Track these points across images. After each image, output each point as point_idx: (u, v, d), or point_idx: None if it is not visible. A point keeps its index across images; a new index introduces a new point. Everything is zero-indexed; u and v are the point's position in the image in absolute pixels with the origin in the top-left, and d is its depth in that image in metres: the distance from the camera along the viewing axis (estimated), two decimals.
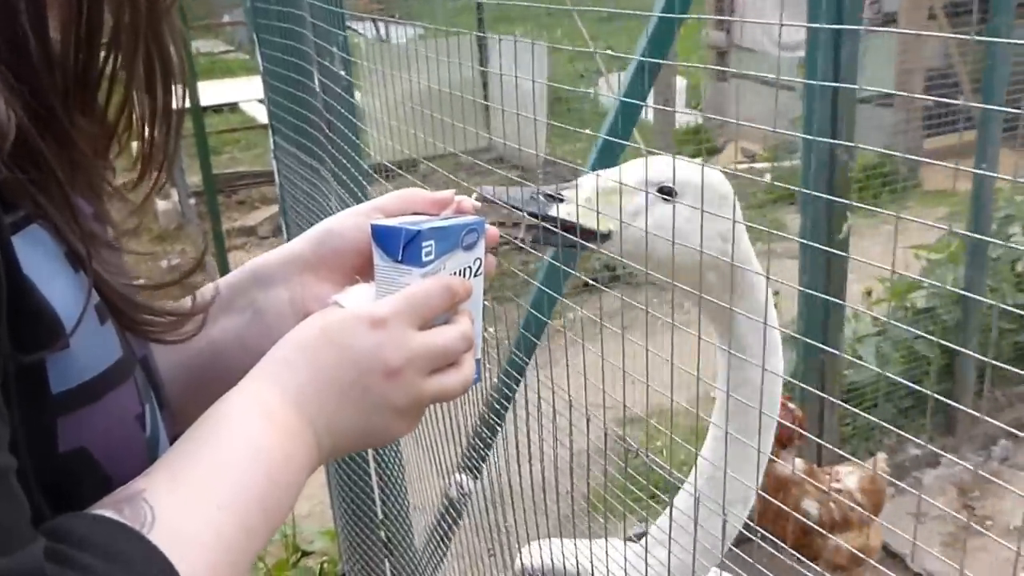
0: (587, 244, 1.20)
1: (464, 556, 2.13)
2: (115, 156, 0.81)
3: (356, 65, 2.30)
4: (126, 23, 0.71)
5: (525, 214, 1.16)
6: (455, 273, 0.90)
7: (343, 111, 2.30)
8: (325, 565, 3.65)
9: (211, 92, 9.88)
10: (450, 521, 2.29)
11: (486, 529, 1.74)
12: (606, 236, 1.21)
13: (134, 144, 0.80)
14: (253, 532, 0.71)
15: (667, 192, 1.23)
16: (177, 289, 0.89)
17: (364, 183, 2.18)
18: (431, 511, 2.46)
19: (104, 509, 0.65)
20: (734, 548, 1.19)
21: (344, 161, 2.25)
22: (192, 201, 7.79)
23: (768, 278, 1.25)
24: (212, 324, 0.95)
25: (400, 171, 2.04)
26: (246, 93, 11.85)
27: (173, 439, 0.76)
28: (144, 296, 0.82)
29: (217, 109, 11.12)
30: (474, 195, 1.16)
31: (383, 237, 0.87)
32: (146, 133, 0.77)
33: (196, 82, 6.88)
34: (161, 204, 8.17)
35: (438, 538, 2.39)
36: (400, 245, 0.85)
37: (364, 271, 0.94)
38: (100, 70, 0.72)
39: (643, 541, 1.34)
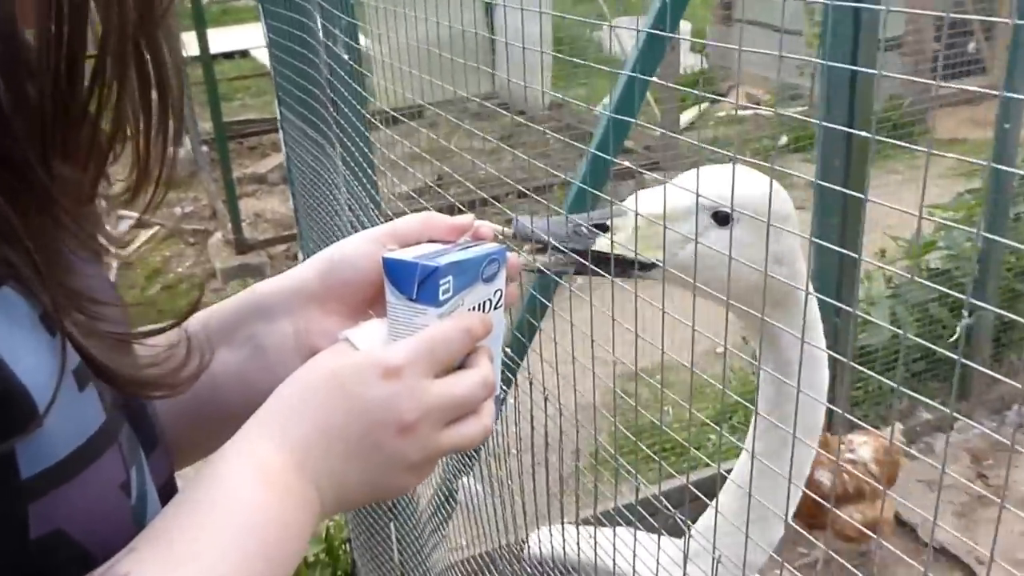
0: (627, 275, 1.06)
1: (466, 517, 1.96)
2: (109, 164, 0.68)
3: (361, 8, 2.11)
4: (115, 28, 0.58)
5: (566, 250, 1.01)
6: (473, 308, 0.78)
7: (346, 58, 2.12)
8: (331, 529, 3.41)
9: (222, 39, 9.52)
10: (449, 510, 2.21)
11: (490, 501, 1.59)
12: (649, 266, 1.08)
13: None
14: None
15: (722, 219, 1.06)
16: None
17: (365, 131, 2.05)
18: (435, 474, 2.29)
19: None
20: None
21: (345, 109, 2.07)
22: (204, 148, 7.52)
23: (807, 292, 0.99)
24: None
25: (403, 118, 1.89)
26: (257, 39, 11.40)
27: (167, 483, 0.70)
28: (134, 346, 0.69)
29: (228, 55, 10.75)
30: (504, 228, 1.00)
31: (396, 272, 0.75)
32: (140, 148, 0.65)
33: (205, 30, 6.47)
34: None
35: (440, 512, 2.33)
36: (415, 283, 0.74)
37: (376, 302, 0.81)
38: (86, 99, 0.60)
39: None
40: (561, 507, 1.28)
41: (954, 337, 3.32)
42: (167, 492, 0.72)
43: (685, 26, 7.67)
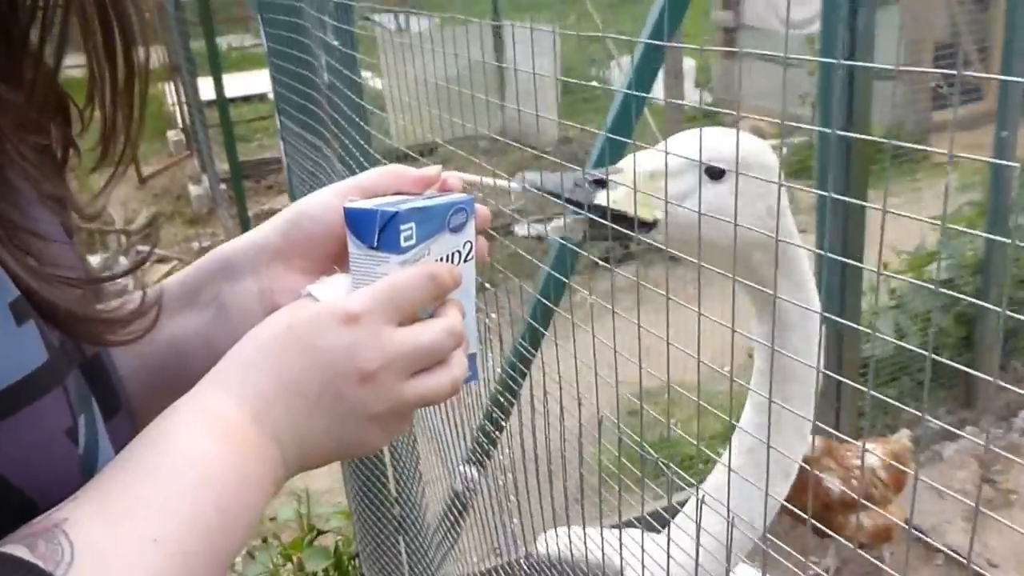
0: (629, 234, 1.05)
1: (476, 530, 1.96)
2: (78, 133, 0.71)
3: (377, 53, 2.14)
4: None
5: (568, 205, 1.04)
6: (441, 259, 0.75)
7: (348, 110, 2.15)
8: (340, 544, 3.46)
9: (241, 83, 9.78)
10: (457, 513, 2.14)
11: (497, 507, 1.60)
12: (651, 225, 1.09)
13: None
14: (196, 570, 0.57)
15: (715, 172, 1.08)
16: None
17: (367, 165, 2.05)
18: (443, 486, 2.31)
19: (14, 545, 0.52)
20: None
21: (349, 144, 2.10)
22: (222, 187, 7.68)
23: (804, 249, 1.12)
24: (173, 319, 0.81)
25: (416, 156, 1.92)
26: None
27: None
28: (91, 291, 0.66)
29: (247, 99, 11.02)
30: (513, 182, 1.05)
31: (357, 221, 0.72)
32: (107, 106, 0.66)
33: (221, 75, 6.68)
34: (193, 189, 8.20)
35: (448, 524, 2.24)
36: (375, 229, 0.71)
37: (342, 259, 0.76)
38: (28, 21, 0.59)
39: (662, 529, 1.20)
40: (567, 519, 1.29)
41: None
42: None
43: (689, 62, 7.84)
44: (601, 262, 1.26)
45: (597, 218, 1.04)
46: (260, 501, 0.64)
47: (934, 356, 0.59)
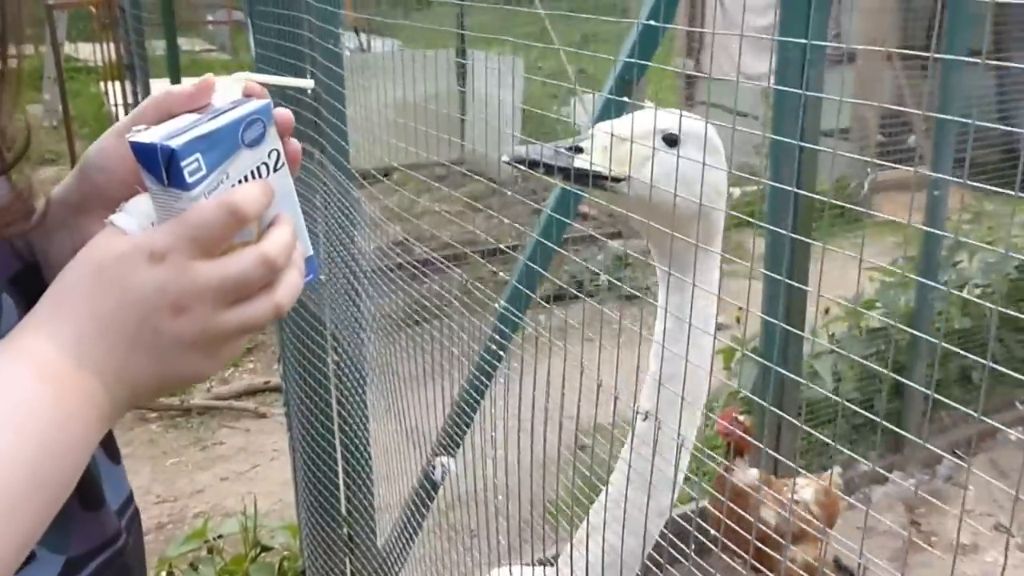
0: (608, 187, 1.27)
1: (426, 559, 2.08)
2: None
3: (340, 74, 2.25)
4: None
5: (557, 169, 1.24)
6: (245, 178, 0.72)
7: (334, 119, 2.26)
8: (285, 562, 3.50)
9: None
10: (421, 501, 2.23)
11: (448, 530, 1.70)
12: (621, 180, 1.27)
13: None
14: (19, 508, 0.61)
15: (670, 141, 1.27)
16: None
17: (348, 188, 2.14)
18: (398, 508, 2.40)
19: None
20: (695, 556, 1.15)
21: (333, 167, 2.19)
22: None
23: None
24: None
25: (379, 176, 2.03)
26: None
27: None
28: None
29: None
30: (504, 158, 1.25)
31: (143, 157, 0.68)
32: None
33: (179, 76, 6.75)
34: None
35: (406, 537, 2.33)
36: (161, 166, 0.68)
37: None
38: None
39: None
40: (520, 554, 1.39)
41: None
42: None
43: (649, 105, 8.12)
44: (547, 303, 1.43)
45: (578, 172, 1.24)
46: (88, 438, 0.67)
47: (863, 411, 0.78)
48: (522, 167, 1.27)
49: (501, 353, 2.09)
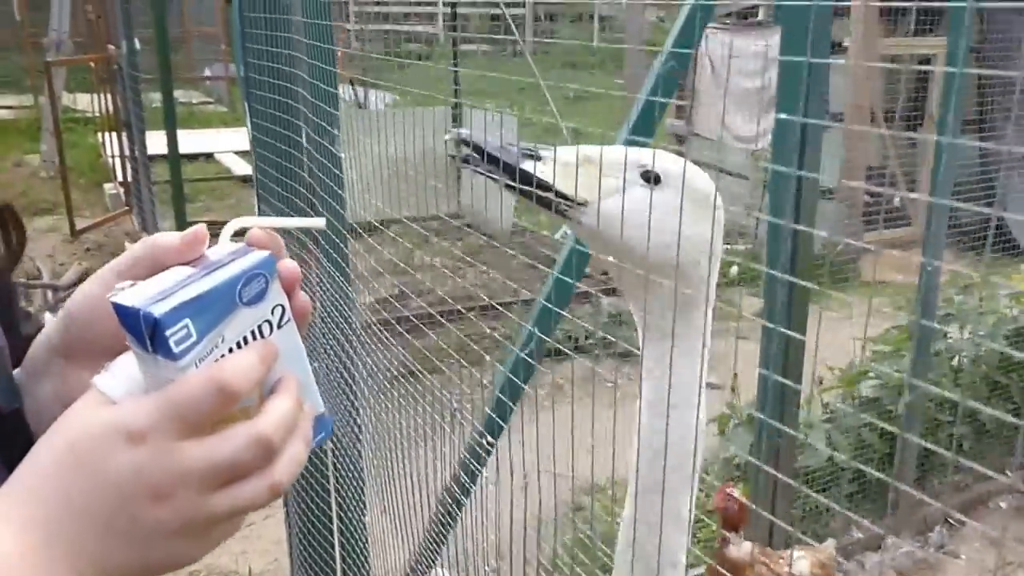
0: (561, 207, 1.06)
1: None
2: None
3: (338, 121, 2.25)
4: None
5: (499, 166, 1.03)
6: (244, 339, 0.65)
7: (329, 181, 2.23)
8: None
9: (187, 141, 9.74)
10: None
11: None
12: (582, 204, 1.06)
13: None
14: None
15: (649, 178, 1.06)
16: None
17: (342, 245, 2.12)
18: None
19: None
20: None
21: (326, 214, 2.16)
22: None
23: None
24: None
25: (381, 226, 1.99)
26: (222, 144, 11.74)
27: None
28: None
29: (192, 157, 10.97)
30: (447, 137, 1.05)
31: (126, 320, 0.61)
32: None
33: (175, 130, 6.73)
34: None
35: None
36: (144, 334, 0.61)
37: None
38: None
39: None
40: None
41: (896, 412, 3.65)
42: None
43: None
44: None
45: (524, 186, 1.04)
46: None
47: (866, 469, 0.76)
48: (464, 151, 1.04)
49: (502, 423, 2.10)
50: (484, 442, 2.10)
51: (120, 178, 9.22)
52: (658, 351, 1.12)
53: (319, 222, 0.82)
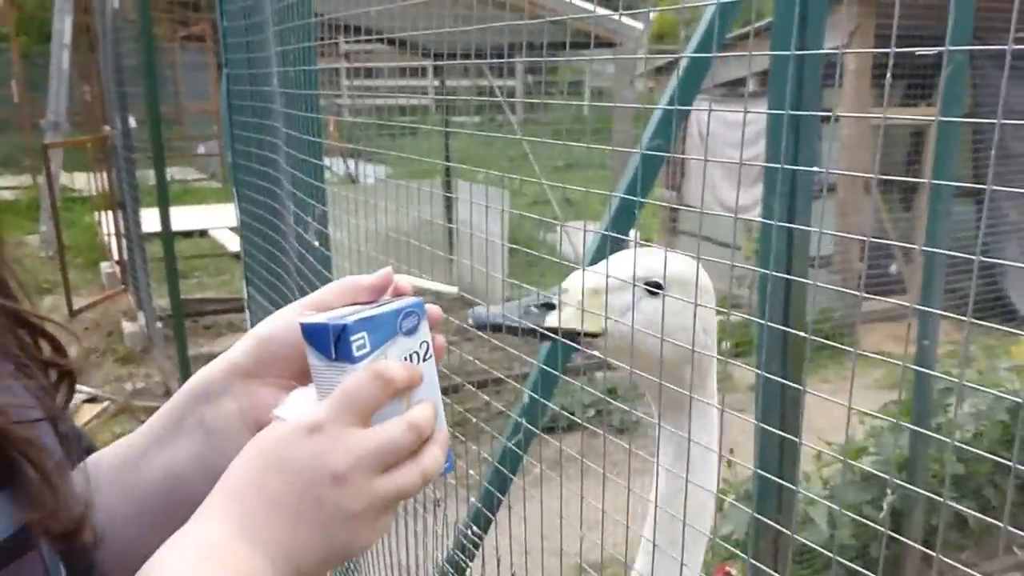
0: (577, 345, 1.20)
1: None
2: None
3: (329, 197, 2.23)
4: None
5: (522, 328, 1.17)
6: (402, 360, 0.80)
7: (311, 259, 2.24)
8: None
9: (182, 217, 9.79)
10: None
11: None
12: (597, 335, 1.20)
13: None
14: None
15: (654, 286, 1.21)
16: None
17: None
18: None
19: None
20: None
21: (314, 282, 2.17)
22: (159, 325, 7.52)
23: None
24: (164, 451, 0.87)
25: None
26: (216, 220, 11.77)
27: None
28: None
29: (187, 234, 10.99)
30: (468, 320, 1.19)
31: (313, 336, 0.77)
32: None
33: (168, 207, 6.73)
34: (128, 326, 7.96)
35: None
36: (330, 343, 0.76)
37: (306, 373, 0.82)
38: None
39: None
40: None
41: (883, 514, 3.55)
42: None
43: (633, 234, 8.19)
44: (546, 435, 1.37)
45: (549, 334, 1.18)
46: None
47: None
48: (485, 332, 1.20)
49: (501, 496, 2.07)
50: (470, 533, 2.05)
51: (116, 256, 9.27)
52: (675, 423, 1.26)
53: (452, 289, 1.04)
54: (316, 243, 2.20)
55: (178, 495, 0.84)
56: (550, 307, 1.19)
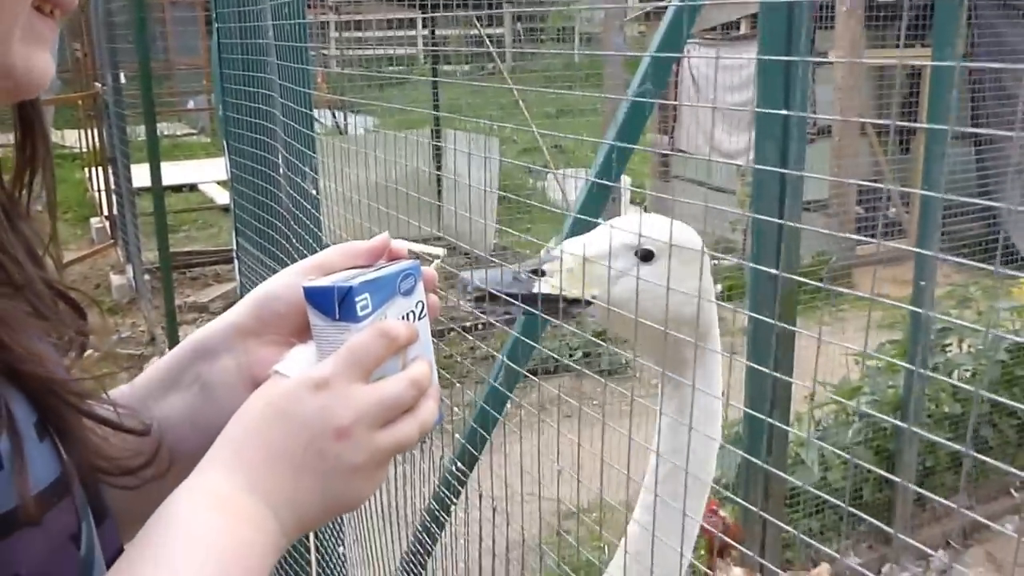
0: (571, 312, 1.19)
1: None
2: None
3: (319, 145, 2.21)
4: None
5: (509, 296, 1.15)
6: (399, 319, 0.82)
7: (308, 221, 2.19)
8: None
9: (171, 172, 9.69)
10: None
11: None
12: (588, 303, 1.19)
13: None
14: None
15: (644, 256, 1.19)
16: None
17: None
18: None
19: None
20: None
21: (308, 239, 2.15)
22: (146, 277, 7.49)
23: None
24: (158, 404, 0.87)
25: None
26: (205, 175, 11.71)
27: (118, 552, 0.70)
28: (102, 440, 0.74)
29: (176, 188, 10.91)
30: (461, 285, 1.18)
31: (317, 298, 0.80)
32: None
33: (159, 163, 6.62)
34: (115, 279, 7.96)
35: None
36: (335, 303, 0.78)
37: (304, 332, 0.84)
38: None
39: None
40: None
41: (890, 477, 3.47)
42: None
43: (625, 180, 8.08)
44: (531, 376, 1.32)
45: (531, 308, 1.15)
46: (262, 563, 0.70)
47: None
48: (482, 303, 1.17)
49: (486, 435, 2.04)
50: (455, 469, 2.02)
51: (106, 212, 9.22)
52: (675, 386, 1.24)
53: (440, 251, 1.12)
54: (313, 191, 2.19)
55: (169, 450, 0.84)
56: (541, 274, 1.18)
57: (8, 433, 0.62)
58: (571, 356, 5.28)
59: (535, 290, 1.16)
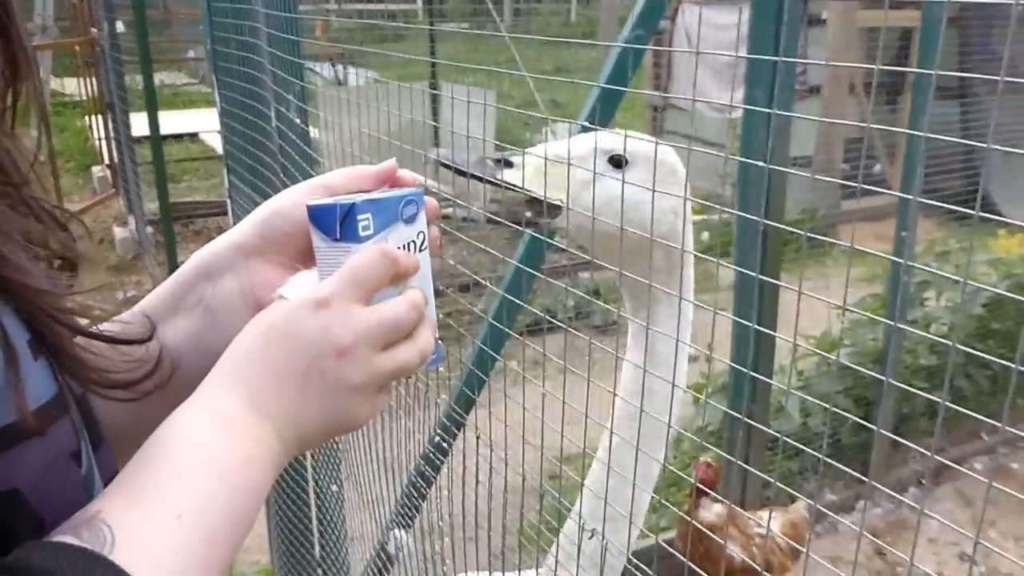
0: (531, 220, 1.13)
1: None
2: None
3: (313, 103, 2.23)
4: None
5: (473, 178, 1.09)
6: (399, 248, 0.80)
7: (298, 158, 2.20)
8: None
9: (172, 121, 9.62)
10: (380, 566, 2.19)
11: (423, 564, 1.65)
12: (556, 209, 1.12)
13: None
14: (218, 540, 0.65)
15: (617, 162, 1.12)
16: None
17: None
18: (368, 544, 2.35)
19: (63, 535, 0.59)
20: None
21: (296, 173, 2.13)
22: (149, 230, 7.45)
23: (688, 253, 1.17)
24: (162, 327, 0.86)
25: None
26: (207, 124, 11.60)
27: (111, 477, 0.68)
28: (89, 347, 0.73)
29: (177, 137, 10.84)
30: (423, 160, 1.13)
31: (319, 216, 0.78)
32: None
33: (156, 111, 6.62)
34: (118, 232, 7.87)
35: None
36: (336, 222, 0.77)
37: (308, 254, 0.83)
38: None
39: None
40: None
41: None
42: None
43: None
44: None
45: (505, 185, 1.09)
46: (265, 479, 0.71)
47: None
48: (448, 169, 1.11)
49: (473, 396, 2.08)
50: (453, 414, 2.08)
51: (107, 160, 9.14)
52: (643, 316, 1.19)
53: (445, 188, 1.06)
54: (297, 119, 2.17)
55: (169, 371, 0.84)
56: (508, 164, 1.12)
57: (2, 347, 0.61)
58: (566, 313, 5.40)
59: (499, 177, 1.10)
